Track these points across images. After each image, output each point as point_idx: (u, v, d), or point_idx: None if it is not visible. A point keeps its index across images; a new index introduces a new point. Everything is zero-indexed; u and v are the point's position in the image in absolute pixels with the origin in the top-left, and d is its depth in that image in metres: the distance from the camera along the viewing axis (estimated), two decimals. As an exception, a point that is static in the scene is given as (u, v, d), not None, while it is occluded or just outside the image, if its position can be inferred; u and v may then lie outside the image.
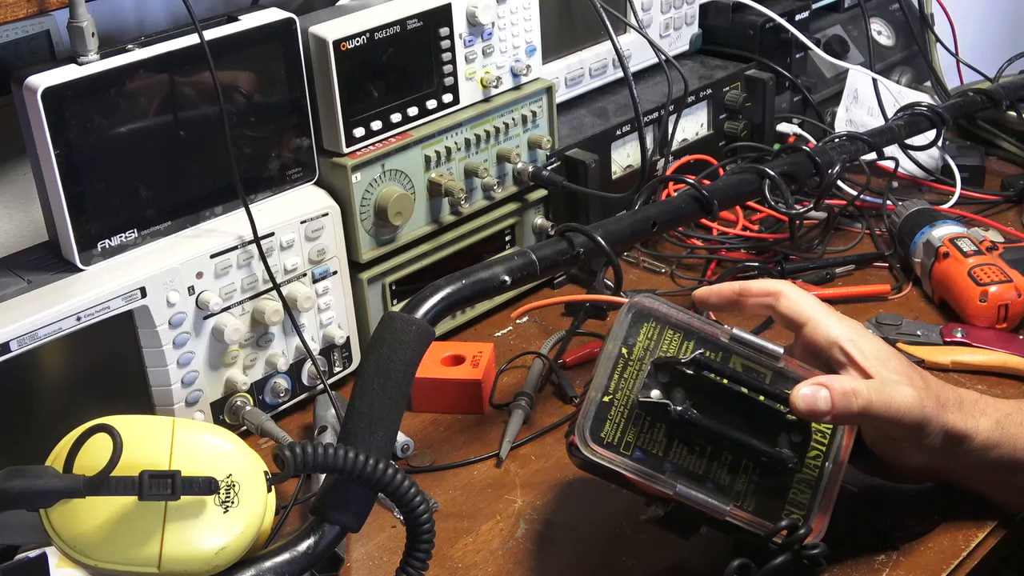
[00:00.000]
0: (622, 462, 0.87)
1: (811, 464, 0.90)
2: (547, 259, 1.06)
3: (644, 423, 0.88)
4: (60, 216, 1.01)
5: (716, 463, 0.88)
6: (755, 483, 0.89)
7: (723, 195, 1.22)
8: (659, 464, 0.88)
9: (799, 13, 1.56)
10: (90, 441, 0.73)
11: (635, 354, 0.90)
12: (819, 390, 0.87)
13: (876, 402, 0.87)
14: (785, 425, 0.89)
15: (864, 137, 1.33)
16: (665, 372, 0.89)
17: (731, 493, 0.88)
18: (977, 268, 1.21)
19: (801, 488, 0.89)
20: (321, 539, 0.81)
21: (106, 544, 0.74)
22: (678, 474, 0.88)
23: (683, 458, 0.88)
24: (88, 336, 1.00)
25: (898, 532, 0.97)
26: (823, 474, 0.90)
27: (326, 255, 1.15)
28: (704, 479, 0.88)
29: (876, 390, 0.88)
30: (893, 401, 0.88)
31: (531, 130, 1.30)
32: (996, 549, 0.97)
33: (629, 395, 0.89)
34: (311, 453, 0.77)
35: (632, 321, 0.91)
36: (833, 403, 0.87)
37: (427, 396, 1.15)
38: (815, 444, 0.90)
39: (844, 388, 0.87)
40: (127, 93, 1.01)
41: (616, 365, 0.90)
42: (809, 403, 0.86)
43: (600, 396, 0.88)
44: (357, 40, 1.13)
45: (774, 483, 0.89)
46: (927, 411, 0.89)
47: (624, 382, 0.89)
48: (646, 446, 0.88)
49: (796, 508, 0.89)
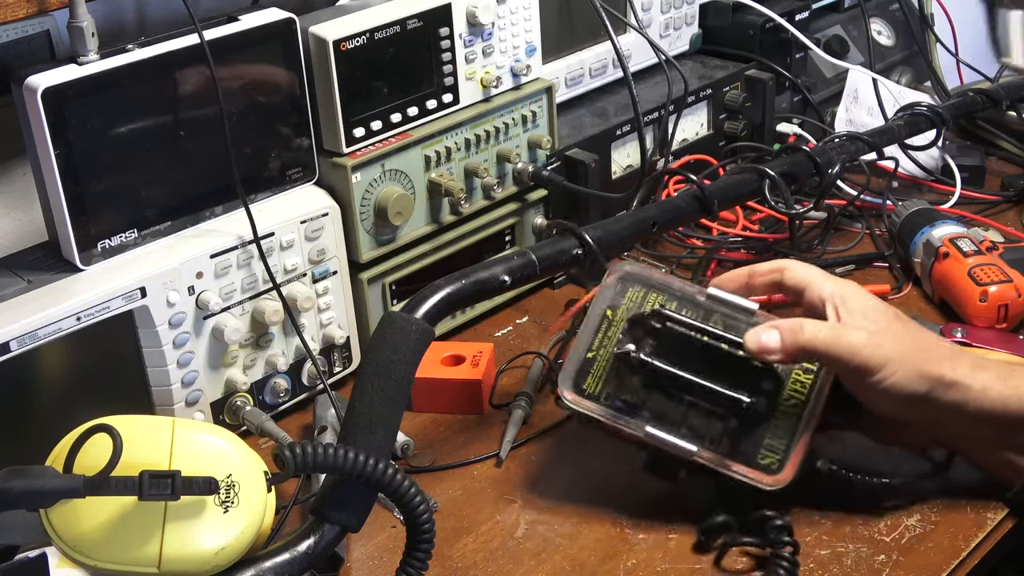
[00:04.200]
0: (598, 409, 0.96)
1: (789, 411, 0.95)
2: (547, 259, 1.06)
3: (622, 375, 0.97)
4: (60, 216, 1.01)
5: (692, 410, 0.95)
6: (730, 429, 0.94)
7: (723, 195, 1.22)
8: (636, 412, 0.96)
9: (799, 13, 1.56)
10: (90, 441, 0.73)
11: (618, 315, 0.99)
12: (769, 330, 0.94)
13: (821, 337, 0.92)
14: (755, 372, 0.95)
15: (864, 137, 1.33)
16: (638, 327, 0.97)
17: (706, 438, 0.95)
18: (977, 268, 1.21)
19: (778, 433, 0.94)
20: (321, 539, 0.81)
21: (106, 544, 0.74)
22: (653, 420, 0.95)
23: (660, 406, 0.96)
24: (88, 336, 1.00)
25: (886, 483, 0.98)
26: (800, 420, 0.94)
27: (326, 255, 1.15)
28: (680, 425, 0.95)
29: (826, 327, 0.93)
30: (839, 339, 0.92)
31: (531, 130, 1.30)
32: (996, 549, 0.97)
33: (610, 350, 0.97)
34: (311, 453, 0.77)
35: (618, 285, 1.00)
36: (782, 340, 0.93)
37: (427, 396, 1.15)
38: (793, 392, 0.95)
39: (791, 326, 0.93)
40: (127, 93, 1.01)
41: (600, 324, 0.98)
42: (758, 341, 0.93)
43: (584, 352, 0.98)
44: (357, 40, 1.13)
45: (748, 428, 0.94)
46: (881, 352, 0.91)
47: (607, 339, 0.98)
48: (625, 396, 0.97)
49: (771, 452, 0.94)
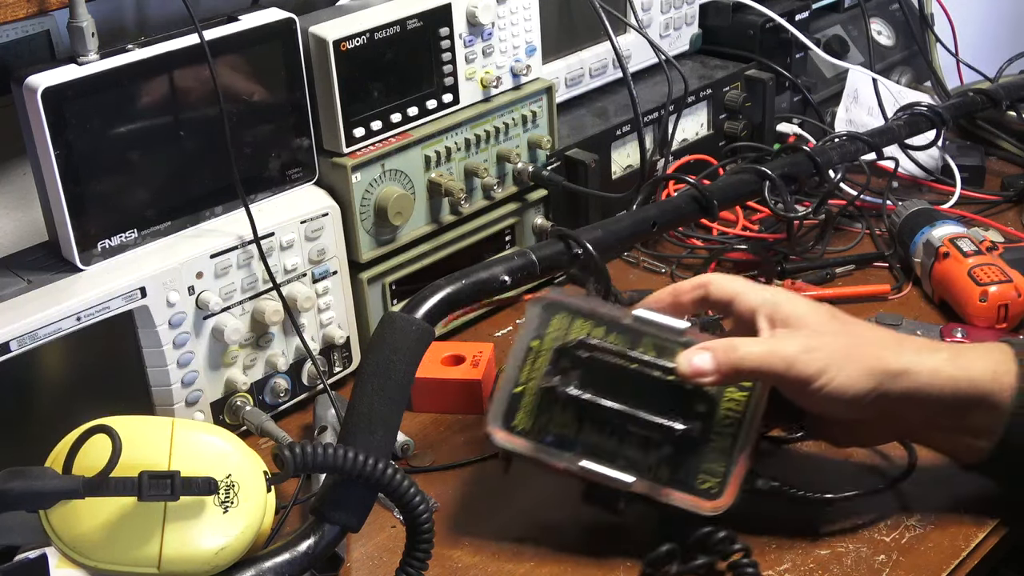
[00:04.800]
0: (530, 446, 0.93)
1: (725, 432, 0.92)
2: (547, 259, 1.06)
3: (551, 409, 0.93)
4: (60, 216, 1.01)
5: (626, 440, 0.92)
6: (666, 456, 0.91)
7: (723, 195, 1.22)
8: (569, 446, 0.92)
9: (799, 13, 1.56)
10: (89, 442, 0.73)
11: (545, 345, 0.95)
12: (700, 352, 0.90)
13: (756, 354, 0.89)
14: (688, 394, 0.92)
15: (864, 137, 1.32)
16: (565, 358, 0.93)
17: (642, 467, 0.91)
18: (977, 268, 1.21)
19: (715, 456, 0.91)
20: (321, 539, 0.81)
21: (106, 545, 0.74)
22: (587, 453, 0.92)
23: (593, 438, 0.92)
24: (88, 336, 1.00)
25: None
26: (736, 441, 0.91)
27: (326, 255, 1.15)
28: (615, 456, 0.92)
29: (759, 344, 0.90)
30: (774, 354, 0.89)
31: (531, 130, 1.30)
32: (996, 549, 0.97)
33: (537, 384, 0.94)
34: (311, 453, 0.77)
35: (542, 315, 0.96)
36: (715, 361, 0.89)
37: (427, 396, 1.15)
38: (728, 412, 0.92)
39: (724, 346, 0.89)
40: (127, 93, 1.01)
41: (527, 357, 0.95)
42: (691, 365, 0.89)
43: (511, 387, 0.94)
44: (357, 40, 1.13)
45: (685, 455, 0.91)
46: (817, 357, 0.88)
47: (534, 372, 0.94)
48: (557, 430, 0.93)
49: (710, 476, 0.91)
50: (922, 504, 0.99)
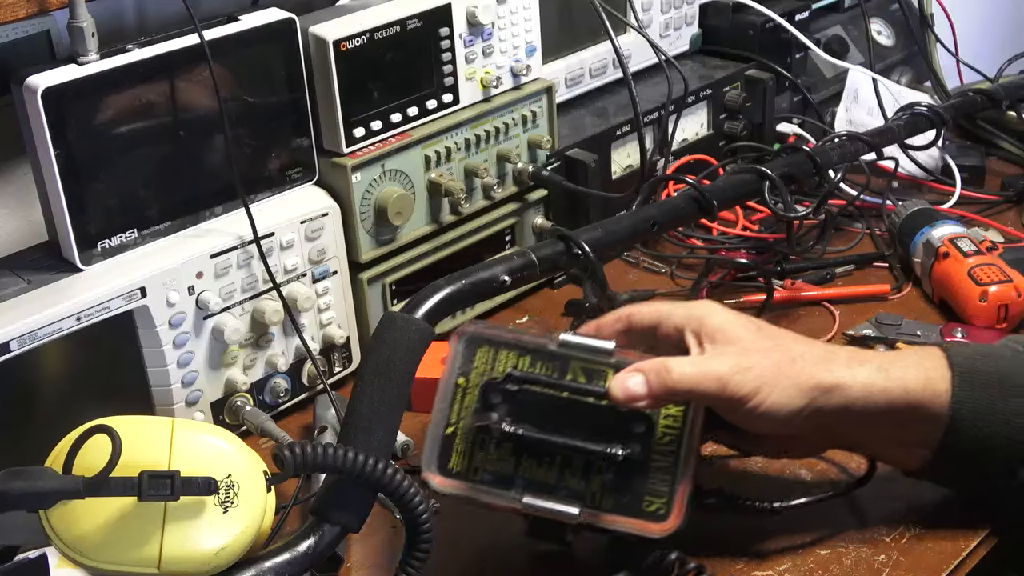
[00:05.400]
0: (469, 487, 0.89)
1: (666, 450, 0.89)
2: (547, 259, 1.06)
3: (486, 447, 0.90)
4: (60, 216, 1.01)
5: (567, 471, 0.89)
6: (609, 482, 0.88)
7: (723, 195, 1.22)
8: (508, 484, 0.89)
9: (799, 13, 1.56)
10: (89, 442, 0.73)
11: (472, 381, 0.91)
12: (633, 375, 0.87)
13: (689, 375, 0.86)
14: (624, 417, 0.88)
15: (864, 137, 1.32)
16: (494, 393, 0.90)
17: (586, 497, 0.88)
18: (977, 268, 1.21)
19: (659, 476, 0.88)
20: (321, 539, 0.81)
21: (106, 545, 0.74)
22: (528, 488, 0.89)
23: (533, 472, 0.89)
24: (88, 336, 1.00)
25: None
26: (679, 459, 0.89)
27: (326, 255, 1.15)
28: (557, 488, 0.89)
29: (691, 363, 0.88)
30: (706, 374, 0.87)
31: (531, 130, 1.30)
32: (996, 549, 0.96)
33: (468, 422, 0.90)
34: (311, 453, 0.77)
35: (465, 350, 0.92)
36: (648, 384, 0.86)
37: (427, 396, 1.14)
38: (666, 430, 0.89)
39: (655, 367, 0.87)
40: (127, 93, 1.01)
41: (455, 395, 0.91)
42: (624, 390, 0.86)
43: (442, 430, 0.90)
44: (357, 40, 1.13)
45: (628, 479, 0.88)
46: (751, 376, 0.86)
47: (464, 410, 0.90)
48: (495, 467, 0.89)
49: (656, 498, 0.88)
50: (922, 503, 0.99)
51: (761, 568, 0.93)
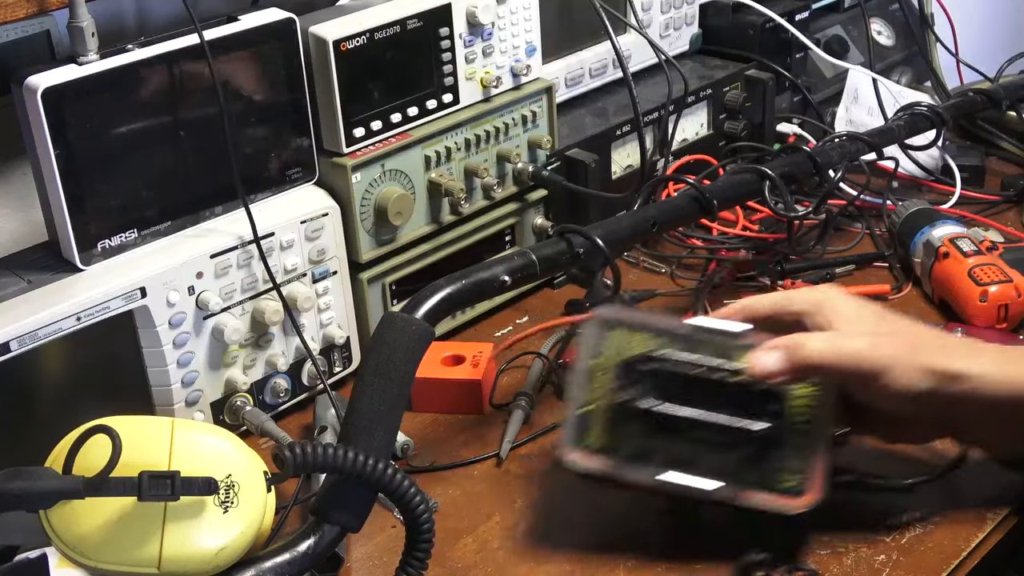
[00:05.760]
0: (607, 464, 0.92)
1: (800, 428, 0.92)
2: (547, 259, 1.06)
3: (623, 425, 0.92)
4: (60, 216, 1.01)
5: (702, 448, 0.91)
6: (745, 459, 0.91)
7: (723, 195, 1.22)
8: (645, 460, 0.92)
9: (799, 13, 1.56)
10: (89, 442, 0.73)
11: (607, 362, 0.94)
12: (770, 351, 0.91)
13: (824, 350, 0.90)
14: (757, 396, 0.92)
15: (864, 137, 1.32)
16: (631, 373, 0.93)
17: (723, 473, 0.91)
18: (977, 268, 1.21)
19: (794, 454, 0.91)
20: (321, 539, 0.81)
21: (106, 545, 0.74)
22: (666, 464, 0.91)
23: (670, 448, 0.92)
24: (88, 336, 1.00)
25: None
26: (813, 437, 0.92)
27: (326, 255, 1.15)
28: (694, 464, 0.91)
29: (824, 339, 0.91)
30: (842, 349, 0.90)
31: (531, 130, 1.30)
32: (996, 549, 0.97)
33: (604, 402, 0.93)
34: (311, 453, 0.77)
35: (598, 332, 0.96)
36: (785, 359, 0.90)
37: (427, 396, 1.15)
38: (799, 409, 0.92)
39: (790, 343, 0.91)
40: (127, 93, 1.01)
41: (589, 376, 0.94)
42: (761, 365, 0.90)
43: (578, 408, 0.93)
44: (357, 40, 1.13)
45: (763, 455, 0.91)
46: (884, 353, 0.90)
47: (599, 390, 0.94)
48: (633, 444, 0.92)
49: (791, 474, 0.91)
50: (923, 504, 0.99)
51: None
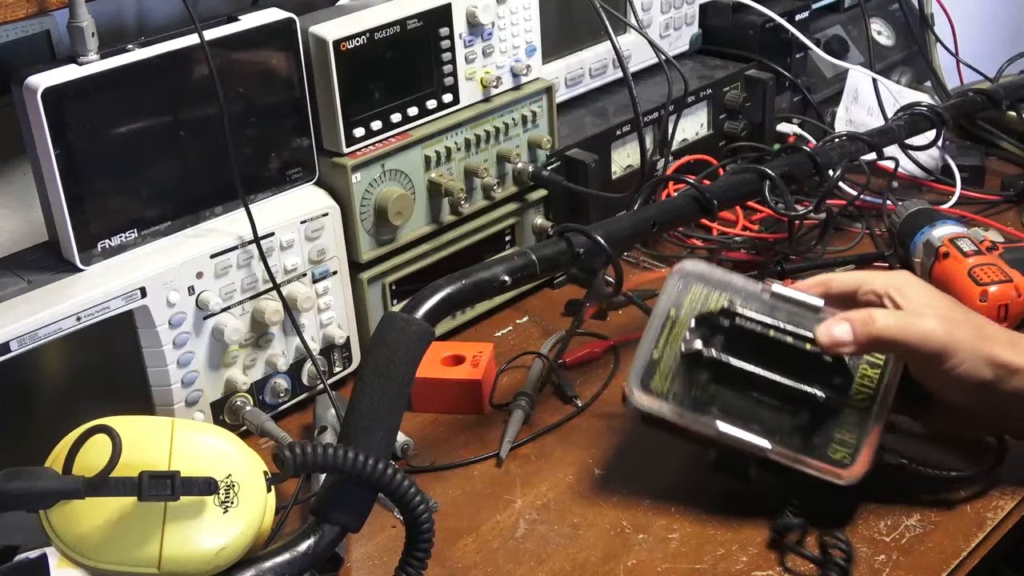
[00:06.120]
0: (668, 408, 0.96)
1: (858, 404, 0.95)
2: (547, 259, 1.06)
3: (690, 373, 0.96)
4: (60, 216, 1.01)
5: (761, 407, 0.95)
6: (801, 424, 0.94)
7: (723, 195, 1.22)
8: (705, 409, 0.95)
9: (799, 13, 1.56)
10: (89, 442, 0.72)
11: (684, 313, 0.99)
12: (840, 323, 0.93)
13: (894, 326, 0.92)
14: (825, 367, 0.95)
15: (864, 137, 1.32)
16: (705, 326, 0.97)
17: (778, 434, 0.94)
18: (977, 268, 1.21)
19: (847, 427, 0.94)
20: (321, 539, 0.81)
21: (106, 545, 0.74)
22: (724, 417, 0.95)
23: (729, 403, 0.95)
24: (88, 336, 1.00)
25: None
26: (870, 414, 0.94)
27: (326, 255, 1.15)
28: (750, 422, 0.94)
29: (896, 316, 0.94)
30: (911, 326, 0.92)
31: (531, 130, 1.30)
32: (996, 549, 0.97)
33: (676, 349, 0.97)
34: (311, 453, 0.77)
35: (681, 285, 1.00)
36: (853, 331, 0.92)
37: (427, 396, 1.15)
38: (862, 386, 0.95)
39: (862, 317, 0.93)
40: (127, 93, 1.01)
41: (665, 324, 0.99)
42: (830, 334, 0.93)
43: (649, 352, 0.98)
44: (357, 40, 1.13)
45: (819, 423, 0.94)
46: (953, 338, 0.91)
47: (673, 339, 0.98)
48: (693, 394, 0.96)
49: (842, 447, 0.93)
50: (923, 503, 0.99)
51: (761, 569, 0.93)
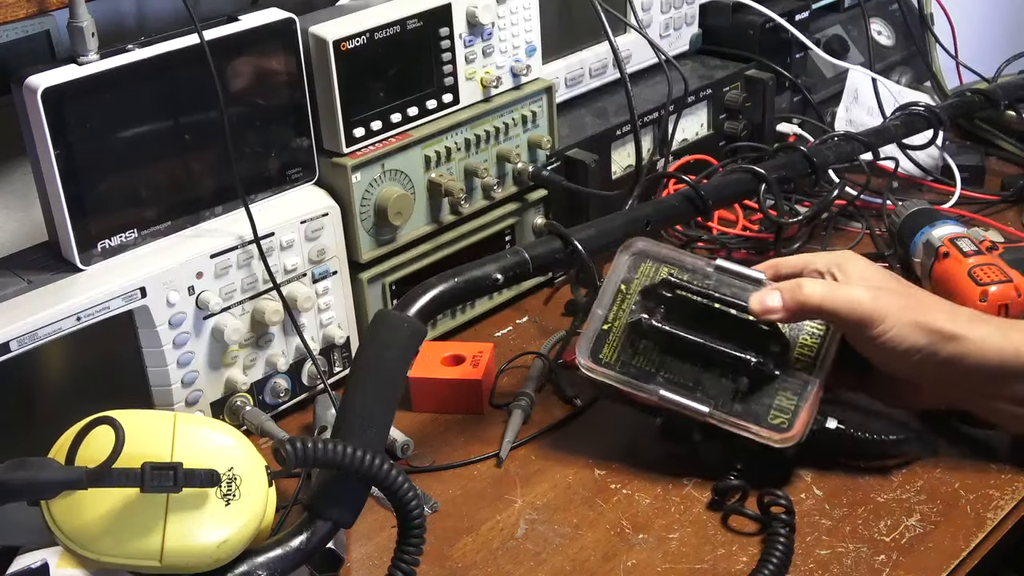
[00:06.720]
0: (614, 376, 1.01)
1: (797, 372, 1.00)
2: (540, 257, 1.06)
3: (636, 343, 1.02)
4: (60, 216, 1.01)
5: (705, 374, 1.00)
6: (741, 390, 0.99)
7: (717, 194, 1.22)
8: (651, 378, 1.01)
9: (799, 13, 1.56)
10: (92, 434, 0.73)
11: (632, 288, 1.04)
12: (771, 292, 0.99)
13: (819, 293, 0.97)
14: (764, 335, 1.01)
15: (860, 137, 1.33)
16: (651, 298, 1.03)
17: (718, 400, 0.99)
18: (977, 268, 1.21)
19: (787, 395, 0.99)
20: (313, 535, 0.81)
21: (108, 536, 0.74)
22: (667, 385, 1.00)
23: (672, 371, 1.01)
24: (88, 336, 1.01)
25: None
26: (808, 381, 0.99)
27: (326, 255, 1.15)
28: (693, 388, 1.00)
29: (823, 284, 0.98)
30: (837, 293, 0.97)
31: (531, 130, 1.30)
32: (996, 549, 0.97)
33: (624, 321, 1.03)
34: (311, 448, 0.78)
35: (631, 261, 1.05)
36: (783, 299, 0.98)
37: (427, 396, 1.15)
38: (801, 354, 1.01)
39: (791, 285, 0.98)
40: (127, 93, 1.01)
41: (615, 298, 1.04)
42: (761, 302, 0.98)
43: (600, 324, 1.03)
44: (357, 40, 1.13)
45: (758, 390, 0.99)
46: (879, 304, 0.95)
47: (621, 312, 1.04)
48: (640, 364, 1.02)
49: (781, 412, 0.98)
50: (925, 503, 0.99)
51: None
